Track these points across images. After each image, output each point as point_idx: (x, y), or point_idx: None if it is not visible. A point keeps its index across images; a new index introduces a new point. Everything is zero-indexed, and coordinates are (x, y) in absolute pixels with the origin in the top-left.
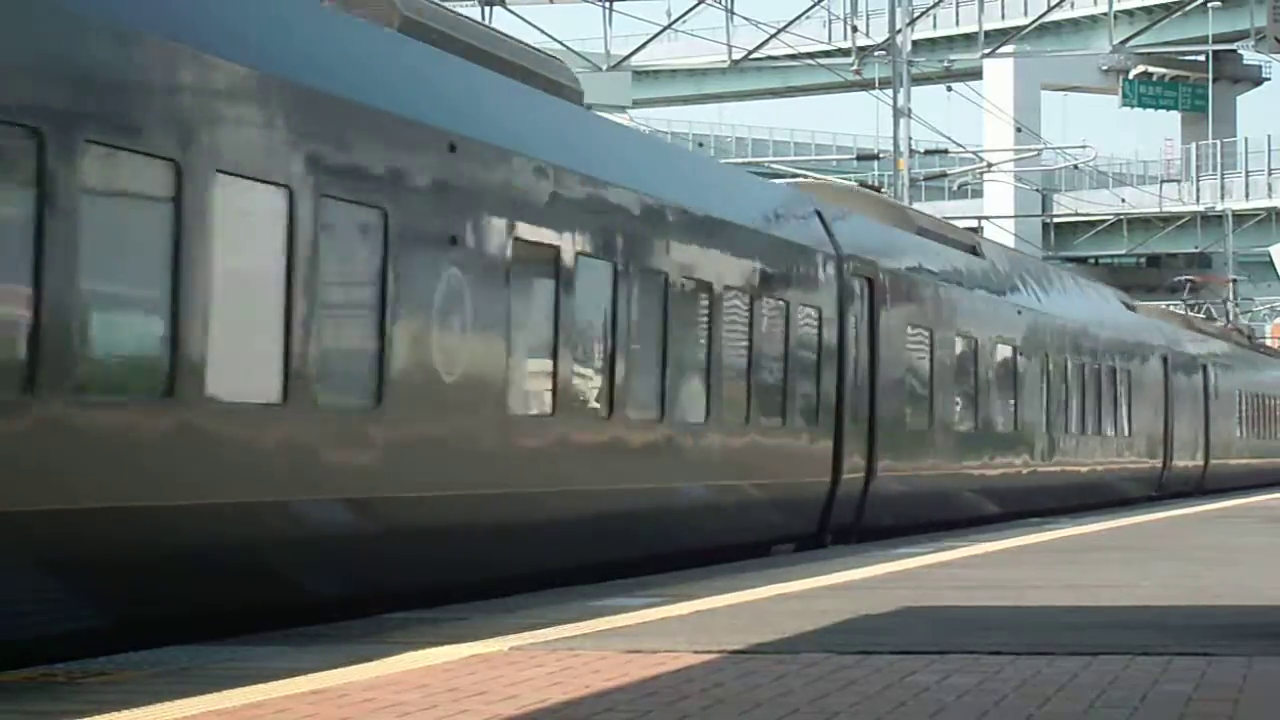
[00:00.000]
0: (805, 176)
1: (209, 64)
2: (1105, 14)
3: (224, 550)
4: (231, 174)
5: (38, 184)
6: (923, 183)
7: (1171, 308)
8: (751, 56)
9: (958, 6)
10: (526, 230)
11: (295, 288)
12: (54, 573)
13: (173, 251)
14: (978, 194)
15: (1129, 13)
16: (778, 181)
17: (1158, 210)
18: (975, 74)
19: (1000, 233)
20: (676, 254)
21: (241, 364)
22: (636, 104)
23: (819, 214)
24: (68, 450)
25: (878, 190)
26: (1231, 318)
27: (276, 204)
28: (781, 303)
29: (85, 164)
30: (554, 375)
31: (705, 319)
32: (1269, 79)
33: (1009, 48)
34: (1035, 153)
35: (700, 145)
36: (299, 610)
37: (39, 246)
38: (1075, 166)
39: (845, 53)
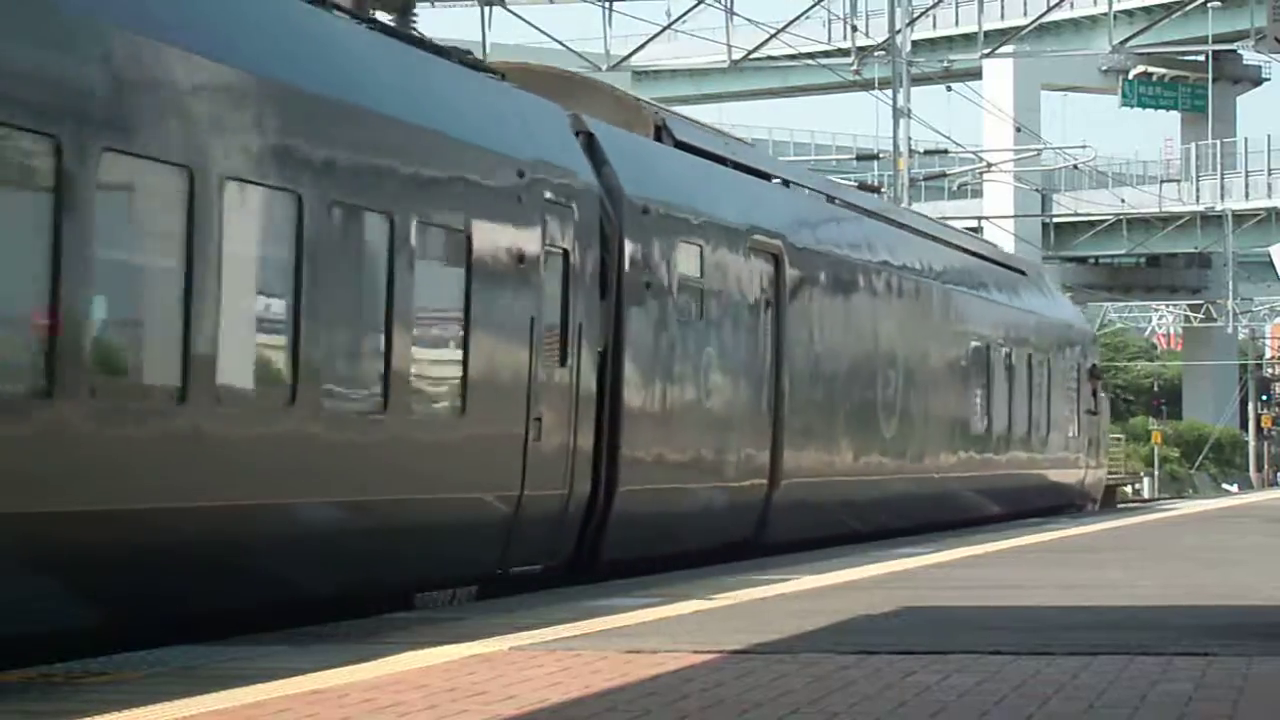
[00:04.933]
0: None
1: None
2: (1105, 14)
3: None
4: None
5: None
6: (922, 183)
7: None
8: (751, 56)
9: (957, 6)
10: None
11: None
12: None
13: None
14: (977, 194)
15: (1129, 13)
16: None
17: (1157, 210)
18: (975, 74)
19: (1000, 233)
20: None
21: None
22: None
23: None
24: None
25: (877, 190)
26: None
27: None
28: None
29: None
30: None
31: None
32: (1269, 79)
33: (1009, 48)
34: (1035, 153)
35: None
36: None
37: None
38: (1075, 166)
39: (845, 53)
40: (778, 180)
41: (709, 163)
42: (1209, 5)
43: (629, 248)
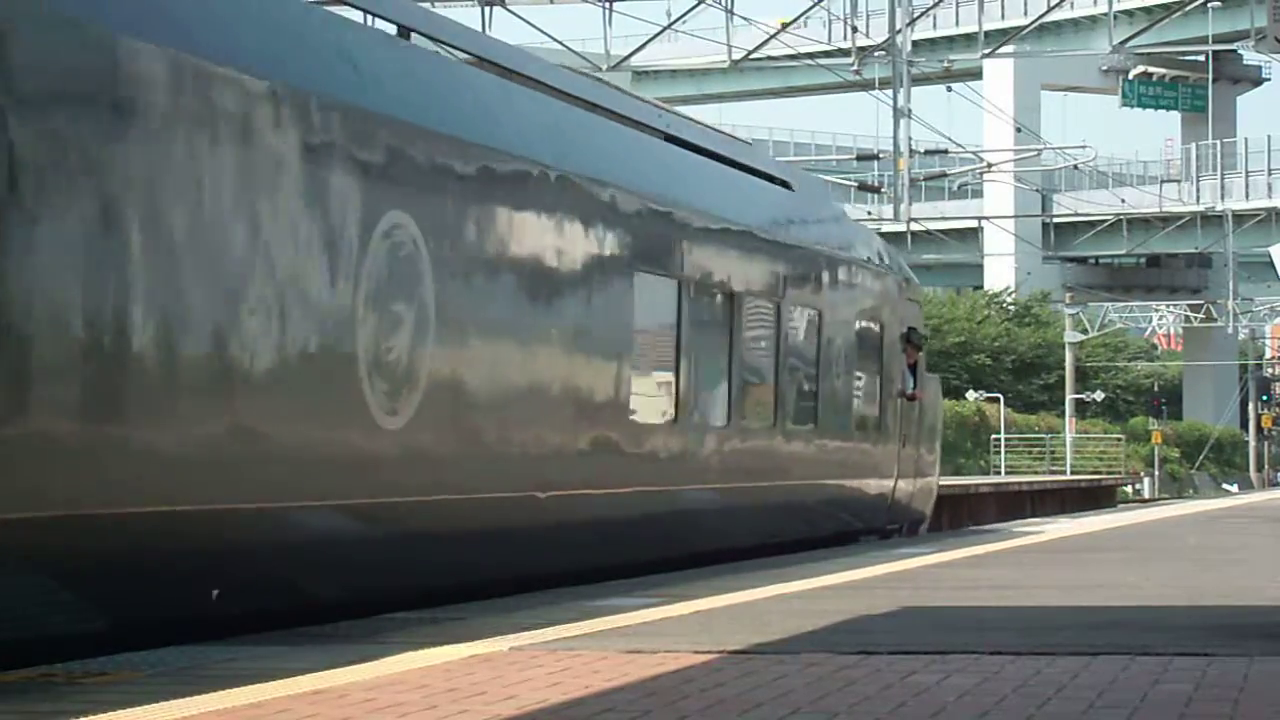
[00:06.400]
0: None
1: None
2: (1105, 14)
3: None
4: None
5: None
6: (923, 183)
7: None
8: (751, 56)
9: (958, 6)
10: None
11: None
12: None
13: None
14: (978, 194)
15: (1129, 13)
16: None
17: (1158, 210)
18: (975, 74)
19: (1001, 233)
20: None
21: None
22: None
23: None
24: None
25: (877, 190)
26: None
27: None
28: None
29: None
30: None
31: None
32: (1269, 79)
33: (1009, 48)
34: (1035, 153)
35: None
36: None
37: None
38: (1075, 166)
39: (845, 53)
40: None
41: None
42: (1209, 5)
43: None
